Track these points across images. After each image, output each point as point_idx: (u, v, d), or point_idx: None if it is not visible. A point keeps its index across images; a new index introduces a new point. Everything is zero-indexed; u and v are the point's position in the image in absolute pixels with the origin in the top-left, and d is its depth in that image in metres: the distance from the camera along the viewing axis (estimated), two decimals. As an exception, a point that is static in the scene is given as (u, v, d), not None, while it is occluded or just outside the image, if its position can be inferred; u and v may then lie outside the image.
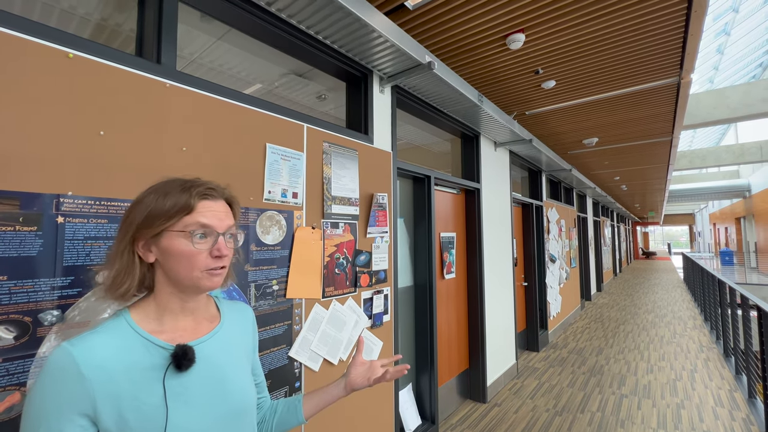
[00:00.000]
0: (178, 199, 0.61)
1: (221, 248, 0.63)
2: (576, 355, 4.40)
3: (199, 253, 0.62)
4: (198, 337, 0.67)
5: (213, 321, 0.71)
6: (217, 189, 0.67)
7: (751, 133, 15.61)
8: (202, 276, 0.62)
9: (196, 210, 0.62)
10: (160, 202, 0.61)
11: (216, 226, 0.63)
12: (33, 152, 0.88)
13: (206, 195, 0.64)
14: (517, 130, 3.22)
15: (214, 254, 0.63)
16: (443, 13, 1.92)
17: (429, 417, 2.56)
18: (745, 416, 2.90)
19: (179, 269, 0.61)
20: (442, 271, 2.87)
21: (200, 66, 2.16)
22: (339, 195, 1.75)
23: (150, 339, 0.61)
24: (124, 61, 1.08)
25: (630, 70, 2.64)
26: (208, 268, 0.62)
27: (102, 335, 0.58)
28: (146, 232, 0.61)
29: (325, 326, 1.63)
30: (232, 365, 0.69)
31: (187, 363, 0.60)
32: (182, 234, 0.61)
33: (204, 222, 0.62)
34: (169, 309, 0.65)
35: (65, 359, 0.54)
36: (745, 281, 11.42)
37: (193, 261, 0.61)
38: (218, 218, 0.64)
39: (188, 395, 0.61)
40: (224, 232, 0.65)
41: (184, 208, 0.61)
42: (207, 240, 0.63)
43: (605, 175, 7.22)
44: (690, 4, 1.90)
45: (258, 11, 1.49)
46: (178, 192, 0.62)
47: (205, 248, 0.62)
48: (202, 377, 0.63)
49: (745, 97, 6.84)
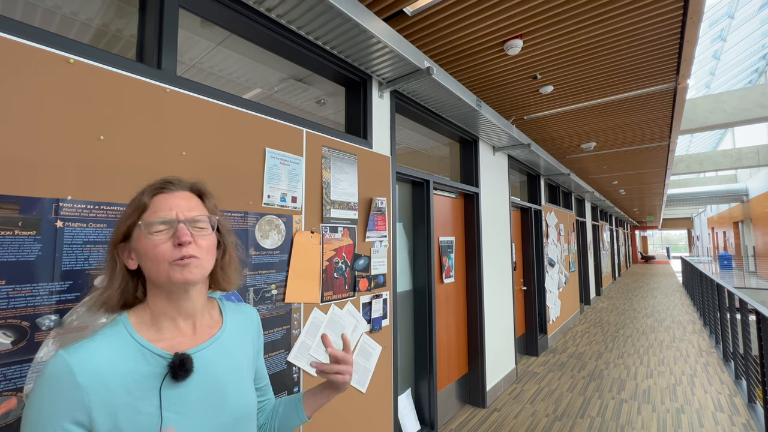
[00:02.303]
0: (135, 200, 0.64)
1: (180, 235, 0.61)
2: (575, 360, 4.38)
3: (160, 244, 0.61)
4: (197, 345, 0.66)
5: (214, 326, 0.71)
6: (176, 182, 0.67)
7: (748, 138, 15.70)
8: (170, 269, 0.61)
9: (151, 206, 0.63)
10: (127, 208, 0.65)
11: (172, 215, 0.63)
12: (33, 157, 0.89)
13: (161, 189, 0.65)
14: (515, 135, 3.24)
15: (175, 243, 0.61)
16: (442, 19, 1.94)
17: (428, 422, 2.54)
18: (745, 421, 2.89)
19: (150, 266, 0.62)
20: (441, 275, 2.87)
21: (200, 71, 2.17)
22: (338, 199, 1.76)
23: (147, 347, 0.60)
24: (124, 66, 1.09)
25: (627, 75, 2.67)
26: (173, 258, 0.61)
27: (99, 343, 0.58)
28: (117, 236, 0.64)
29: (323, 331, 1.62)
30: (233, 372, 0.68)
31: (183, 374, 0.60)
32: (143, 231, 0.62)
33: (159, 214, 0.62)
34: (163, 313, 0.64)
35: (61, 368, 0.54)
36: (744, 285, 11.43)
37: (156, 254, 0.60)
38: (174, 208, 0.63)
39: (185, 405, 0.60)
40: (185, 219, 0.63)
41: (139, 207, 0.63)
42: (167, 231, 0.62)
43: (603, 179, 7.24)
44: (686, 10, 1.92)
45: (258, 17, 1.50)
46: (138, 194, 0.65)
47: (165, 238, 0.61)
48: (200, 386, 0.63)
49: (742, 102, 6.89)
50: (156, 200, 0.64)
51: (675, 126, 3.84)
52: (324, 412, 1.60)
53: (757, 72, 13.59)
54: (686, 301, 8.45)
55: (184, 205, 0.65)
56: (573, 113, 3.45)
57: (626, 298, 8.92)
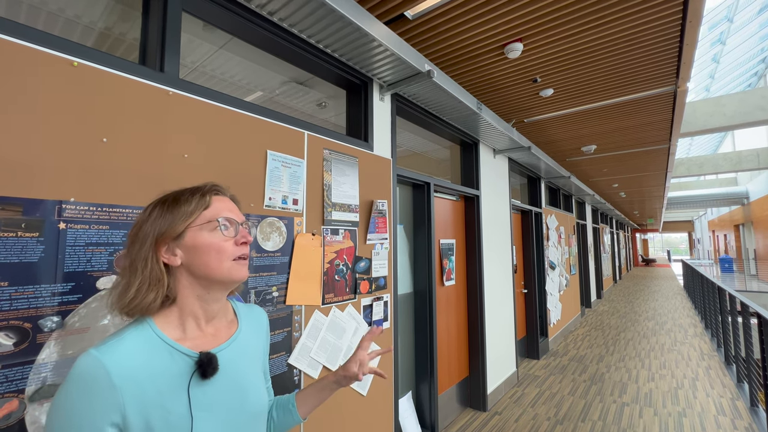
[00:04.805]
0: (192, 198, 0.64)
1: (245, 234, 0.66)
2: (576, 363, 4.37)
3: (227, 241, 0.64)
4: (219, 344, 0.67)
5: (231, 326, 0.72)
6: (222, 188, 0.71)
7: (748, 141, 15.72)
8: (231, 266, 0.64)
9: (213, 204, 0.65)
10: (173, 206, 0.63)
11: (235, 216, 0.67)
12: (36, 159, 0.89)
13: (216, 191, 0.69)
14: (515, 138, 3.25)
15: (239, 241, 0.66)
16: (442, 23, 1.95)
17: (429, 425, 2.53)
18: (748, 425, 2.88)
19: (210, 262, 0.62)
20: (442, 277, 2.87)
21: (202, 74, 2.18)
22: (339, 202, 1.76)
23: (175, 346, 0.60)
24: (127, 69, 1.09)
25: (627, 79, 2.68)
26: (236, 255, 0.65)
27: (128, 342, 0.57)
28: (168, 234, 0.62)
29: (324, 333, 1.62)
30: (249, 371, 0.70)
31: (212, 371, 0.60)
32: (206, 227, 0.63)
33: (225, 212, 0.66)
34: (192, 315, 0.64)
35: (96, 368, 0.53)
36: (745, 288, 11.41)
37: (222, 250, 0.63)
38: (233, 210, 0.68)
39: (211, 403, 0.61)
40: (241, 222, 0.68)
41: (201, 204, 0.64)
42: (230, 229, 0.65)
43: (604, 182, 7.25)
44: (685, 14, 1.93)
45: (260, 20, 1.51)
46: (189, 194, 0.65)
47: (231, 236, 0.65)
48: (223, 384, 0.64)
49: (742, 105, 6.91)
50: (215, 200, 0.67)
51: (675, 129, 3.84)
52: (325, 415, 1.60)
53: (757, 75, 13.63)
54: (687, 304, 8.42)
55: (235, 209, 0.69)
56: (573, 116, 3.46)
57: (627, 301, 8.90)
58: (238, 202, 0.73)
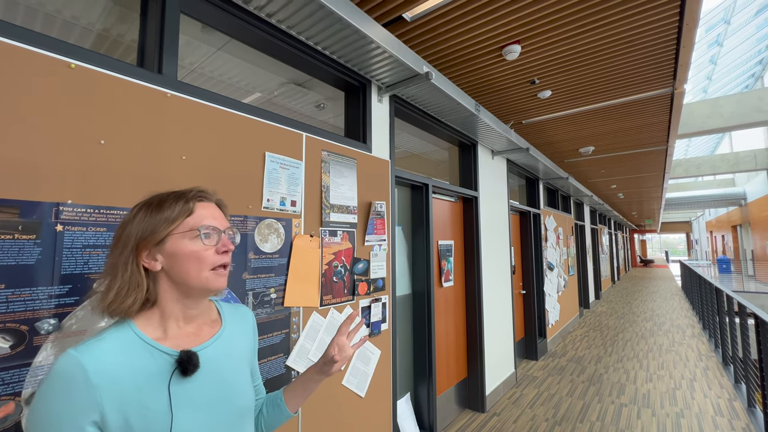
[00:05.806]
0: (176, 204, 0.64)
1: (226, 243, 0.66)
2: (575, 364, 4.38)
3: (207, 250, 0.64)
4: (201, 343, 0.67)
5: (214, 326, 0.72)
6: (208, 193, 0.70)
7: (746, 142, 15.78)
8: (209, 276, 0.64)
9: (195, 211, 0.65)
10: (156, 211, 0.63)
11: (217, 224, 0.67)
12: (34, 161, 0.89)
13: (201, 198, 0.68)
14: (514, 139, 3.25)
15: (220, 250, 0.66)
16: (440, 25, 1.96)
17: (427, 427, 2.53)
18: (745, 425, 2.89)
19: (189, 270, 0.63)
20: (441, 279, 2.87)
21: (200, 75, 2.18)
22: (337, 203, 1.76)
23: (154, 345, 0.61)
24: (125, 71, 1.09)
25: (624, 80, 2.69)
26: (216, 264, 0.65)
27: (107, 342, 0.58)
28: (150, 239, 0.62)
29: (322, 335, 1.62)
30: (234, 369, 0.70)
31: (192, 368, 0.61)
32: (188, 235, 0.63)
33: (208, 220, 0.66)
34: (173, 316, 0.65)
35: (74, 367, 0.53)
36: (743, 289, 11.44)
37: (201, 259, 0.63)
38: (216, 218, 0.68)
39: (193, 400, 0.62)
40: (224, 230, 0.68)
41: (184, 211, 0.64)
42: (212, 238, 0.65)
43: (602, 183, 7.27)
44: (682, 16, 1.94)
45: (258, 22, 1.51)
46: (172, 199, 0.65)
47: (212, 245, 0.65)
48: (205, 382, 0.64)
49: (739, 107, 6.94)
50: (199, 206, 0.66)
51: (672, 130, 3.86)
52: (323, 416, 1.59)
53: (754, 77, 13.70)
54: (685, 305, 8.45)
55: (219, 216, 0.69)
56: (571, 118, 3.47)
57: (625, 302, 8.92)
58: (224, 207, 0.73)
